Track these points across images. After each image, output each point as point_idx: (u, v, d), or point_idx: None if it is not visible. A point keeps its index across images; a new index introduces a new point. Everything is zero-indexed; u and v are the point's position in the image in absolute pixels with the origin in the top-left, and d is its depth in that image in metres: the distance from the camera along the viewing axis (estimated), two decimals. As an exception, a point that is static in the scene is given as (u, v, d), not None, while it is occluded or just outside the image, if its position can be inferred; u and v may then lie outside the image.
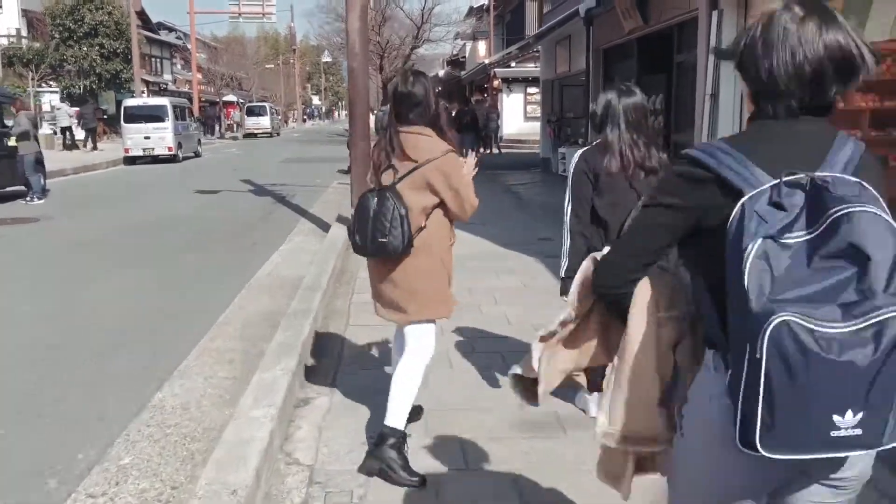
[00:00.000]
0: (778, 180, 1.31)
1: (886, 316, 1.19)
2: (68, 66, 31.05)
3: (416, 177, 3.02)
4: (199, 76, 50.30)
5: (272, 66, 67.43)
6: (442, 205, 3.09)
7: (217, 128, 44.18)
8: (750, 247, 1.27)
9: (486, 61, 29.36)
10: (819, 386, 1.21)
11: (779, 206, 1.30)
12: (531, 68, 30.32)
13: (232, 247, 8.79)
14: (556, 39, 17.15)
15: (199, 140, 27.25)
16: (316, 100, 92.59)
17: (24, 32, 33.73)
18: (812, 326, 1.20)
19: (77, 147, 27.03)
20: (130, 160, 22.95)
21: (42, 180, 14.05)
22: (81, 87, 31.42)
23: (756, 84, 1.46)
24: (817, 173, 1.31)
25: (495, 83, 30.24)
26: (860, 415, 1.23)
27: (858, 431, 1.24)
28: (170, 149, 23.05)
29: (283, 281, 6.77)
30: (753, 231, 1.29)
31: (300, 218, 10.88)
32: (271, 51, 73.80)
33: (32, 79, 26.67)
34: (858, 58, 1.38)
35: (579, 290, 1.73)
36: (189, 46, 52.31)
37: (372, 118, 15.22)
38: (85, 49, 30.70)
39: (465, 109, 23.44)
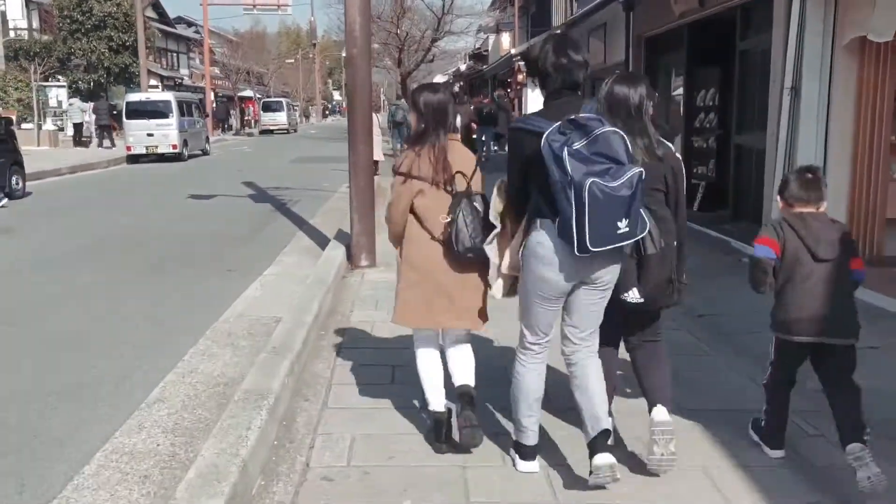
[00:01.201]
0: (559, 122, 2.70)
1: (631, 173, 2.62)
2: (76, 60, 29.84)
3: (475, 182, 3.29)
4: (216, 71, 49.16)
5: (292, 60, 66.08)
6: None
7: (233, 123, 42.94)
8: (564, 154, 2.63)
9: (513, 51, 27.67)
10: (609, 210, 2.61)
11: (562, 134, 2.67)
12: (557, 62, 28.67)
13: (208, 270, 7.33)
14: (589, 28, 15.53)
15: (208, 137, 25.92)
16: (337, 95, 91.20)
17: (35, 25, 32.72)
18: (604, 183, 2.59)
19: (86, 144, 25.87)
20: (133, 158, 21.70)
21: (20, 182, 12.74)
22: (90, 82, 30.24)
23: (540, 74, 2.92)
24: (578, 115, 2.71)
25: (519, 77, 28.57)
26: (627, 220, 2.65)
27: (628, 229, 2.67)
28: (174, 146, 21.73)
29: (256, 325, 5.29)
30: (559, 146, 2.65)
31: (297, 231, 9.42)
32: (293, 45, 72.44)
33: (35, 72, 25.41)
34: (584, 61, 2.87)
35: (499, 199, 3.11)
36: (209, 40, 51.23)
37: (376, 118, 13.68)
38: (94, 42, 29.47)
39: (482, 103, 21.97)
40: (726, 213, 9.17)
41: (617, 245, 2.68)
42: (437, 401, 3.36)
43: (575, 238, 2.62)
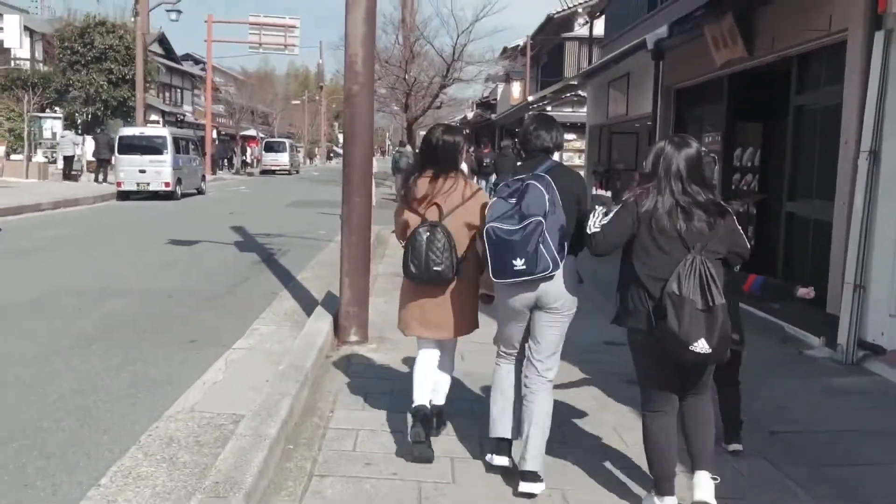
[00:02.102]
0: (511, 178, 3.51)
1: (527, 221, 3.23)
2: (74, 92, 29.03)
3: (461, 213, 3.73)
4: (221, 109, 48.57)
5: (298, 101, 65.71)
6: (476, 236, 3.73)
7: (235, 162, 42.12)
8: (490, 202, 3.50)
9: (530, 98, 26.86)
10: (503, 249, 3.26)
11: (507, 186, 3.43)
12: (567, 112, 27.84)
13: (167, 340, 6.11)
14: (609, 79, 14.61)
15: (204, 176, 24.94)
16: (342, 138, 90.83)
17: (38, 55, 32.07)
18: (502, 227, 3.27)
19: (76, 178, 24.89)
20: (124, 195, 20.68)
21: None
22: (87, 115, 29.39)
23: (522, 141, 3.67)
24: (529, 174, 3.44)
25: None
26: (523, 260, 3.22)
27: (524, 266, 3.23)
28: (167, 184, 20.71)
29: (208, 428, 4.07)
30: (492, 197, 3.51)
31: (281, 289, 8.25)
32: (301, 87, 72.15)
33: (29, 102, 24.52)
34: (554, 135, 3.61)
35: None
36: (215, 78, 50.66)
37: (376, 162, 12.81)
38: (93, 74, 28.70)
39: (483, 152, 21.25)
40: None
41: (518, 280, 3.31)
42: (419, 397, 3.87)
43: (488, 269, 3.40)
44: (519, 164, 3.84)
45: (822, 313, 6.56)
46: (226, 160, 40.61)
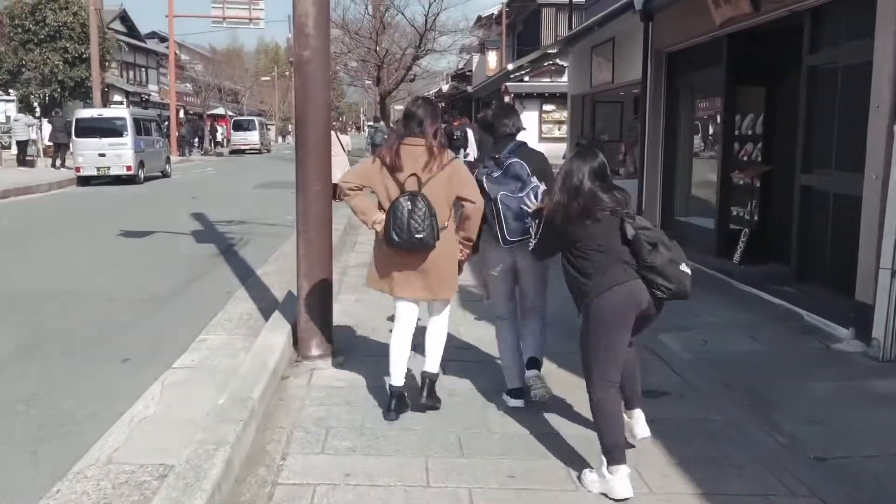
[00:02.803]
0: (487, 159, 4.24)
1: (529, 188, 3.99)
2: (27, 73, 27.53)
3: (438, 182, 3.88)
4: (189, 87, 47.00)
5: (268, 78, 64.02)
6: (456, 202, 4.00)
7: (202, 142, 40.69)
8: (483, 180, 4.05)
9: (510, 66, 25.84)
10: (517, 212, 3.95)
11: (486, 167, 4.13)
12: (546, 83, 26.97)
13: (95, 357, 5.19)
14: (591, 44, 13.70)
15: (168, 157, 23.77)
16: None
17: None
18: (510, 194, 3.98)
19: (31, 164, 23.62)
20: (84, 181, 19.57)
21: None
22: (43, 96, 27.93)
23: (491, 128, 4.35)
24: (500, 154, 4.14)
25: (506, 99, 26.79)
26: (530, 219, 3.83)
27: (531, 225, 3.85)
28: (128, 168, 19.62)
29: (125, 488, 3.19)
30: (480, 175, 4.08)
31: (239, 286, 7.34)
32: (271, 63, 70.35)
33: (-24, 84, 23.14)
34: (514, 122, 4.33)
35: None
36: (182, 56, 48.94)
37: (346, 138, 12.04)
38: (47, 54, 27.20)
39: (453, 125, 20.41)
40: (785, 271, 7.23)
41: (526, 237, 3.86)
42: (396, 377, 4.08)
43: (497, 235, 4.00)
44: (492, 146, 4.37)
45: (849, 300, 5.79)
46: (196, 139, 39.29)
